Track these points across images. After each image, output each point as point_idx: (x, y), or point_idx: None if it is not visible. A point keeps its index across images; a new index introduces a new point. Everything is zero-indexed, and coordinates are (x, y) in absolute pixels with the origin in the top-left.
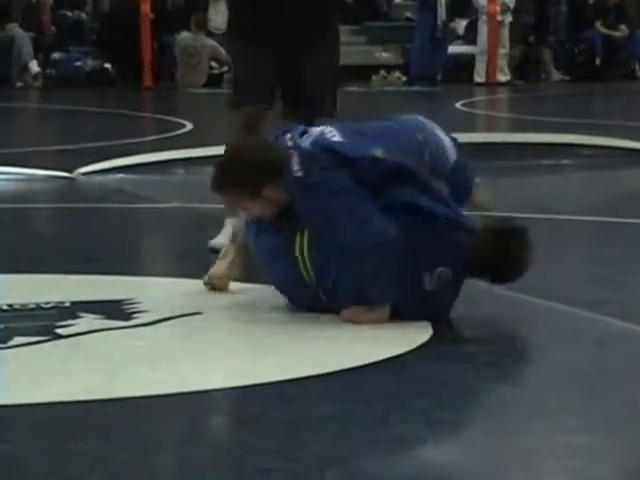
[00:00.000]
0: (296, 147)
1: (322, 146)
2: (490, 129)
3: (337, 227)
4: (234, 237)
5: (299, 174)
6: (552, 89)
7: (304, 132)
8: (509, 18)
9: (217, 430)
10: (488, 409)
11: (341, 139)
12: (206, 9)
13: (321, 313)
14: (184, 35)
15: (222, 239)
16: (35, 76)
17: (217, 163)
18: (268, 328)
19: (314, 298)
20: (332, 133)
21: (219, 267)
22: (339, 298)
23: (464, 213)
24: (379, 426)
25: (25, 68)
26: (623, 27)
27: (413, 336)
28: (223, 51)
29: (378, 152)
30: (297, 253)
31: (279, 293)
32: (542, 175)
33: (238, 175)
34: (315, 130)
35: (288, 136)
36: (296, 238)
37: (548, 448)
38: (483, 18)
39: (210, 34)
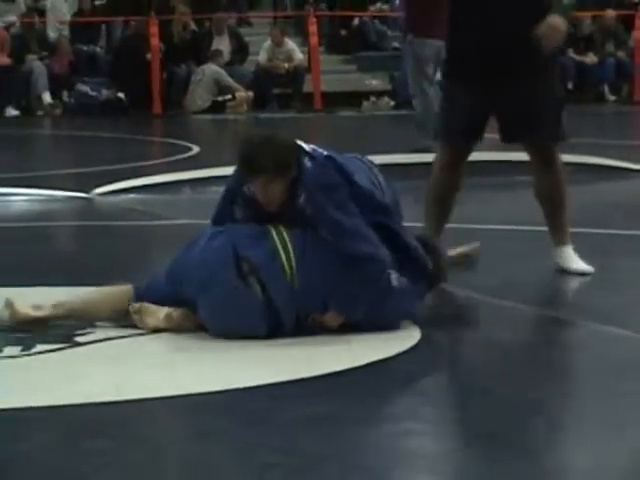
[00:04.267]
0: (308, 151)
1: (333, 160)
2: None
3: (343, 236)
4: None
5: (308, 164)
6: None
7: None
8: None
9: (220, 429)
10: (472, 407)
11: (332, 155)
12: (210, 42)
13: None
14: (213, 68)
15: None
16: (50, 105)
17: (248, 150)
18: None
19: (285, 282)
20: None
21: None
22: (322, 297)
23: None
24: (369, 422)
25: (39, 98)
26: (592, 54)
27: (402, 340)
28: (228, 78)
29: (357, 179)
30: (277, 242)
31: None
32: (518, 190)
33: (275, 156)
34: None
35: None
36: (271, 230)
37: (529, 444)
38: None
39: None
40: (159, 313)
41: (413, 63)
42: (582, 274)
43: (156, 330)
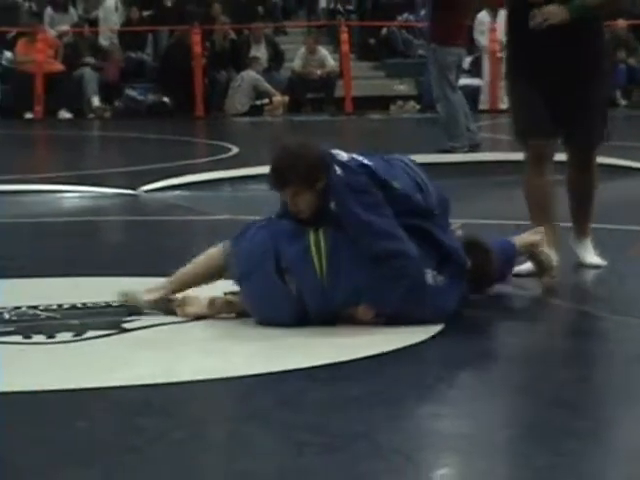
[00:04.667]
0: (333, 156)
1: (357, 162)
2: (494, 149)
3: (374, 236)
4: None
5: (340, 173)
6: None
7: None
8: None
9: (260, 409)
10: (497, 391)
11: (371, 162)
12: (248, 50)
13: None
14: (252, 74)
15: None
16: (97, 109)
17: (277, 163)
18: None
19: (315, 281)
20: (361, 157)
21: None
22: (352, 294)
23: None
24: (398, 405)
25: (89, 102)
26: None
27: (428, 328)
28: (265, 84)
29: (396, 184)
30: (311, 241)
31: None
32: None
33: (300, 171)
34: (343, 153)
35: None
36: (309, 230)
37: (552, 429)
38: (485, 56)
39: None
40: (201, 301)
41: (437, 70)
42: (596, 267)
43: (198, 317)
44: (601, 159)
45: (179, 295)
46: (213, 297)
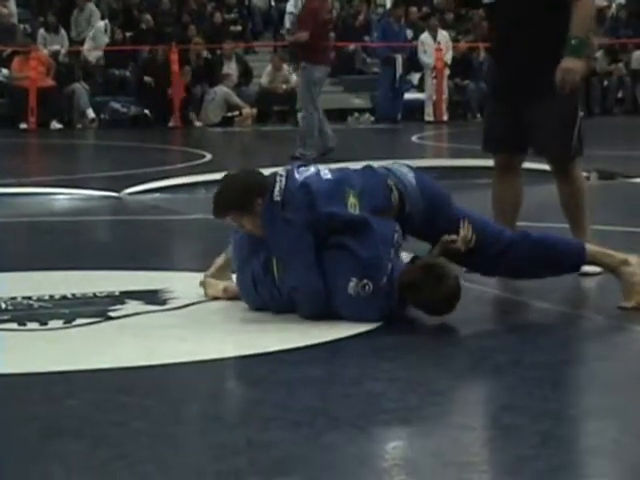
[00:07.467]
0: (288, 176)
1: (307, 187)
2: (438, 156)
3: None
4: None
5: (277, 199)
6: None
7: (303, 166)
8: (447, 72)
9: (231, 388)
10: (438, 369)
11: (326, 187)
12: (221, 67)
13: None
14: (223, 89)
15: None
16: (92, 120)
17: (214, 195)
18: (268, 312)
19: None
20: (325, 173)
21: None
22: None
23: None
24: (355, 384)
25: (83, 114)
26: None
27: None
28: (235, 98)
29: (351, 197)
30: (275, 269)
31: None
32: (479, 191)
33: (232, 198)
34: (313, 168)
35: (287, 167)
36: (272, 258)
37: (479, 397)
38: (428, 72)
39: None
40: (219, 286)
41: (305, 85)
42: (583, 274)
43: (215, 298)
44: (535, 165)
45: (203, 277)
46: (227, 284)
